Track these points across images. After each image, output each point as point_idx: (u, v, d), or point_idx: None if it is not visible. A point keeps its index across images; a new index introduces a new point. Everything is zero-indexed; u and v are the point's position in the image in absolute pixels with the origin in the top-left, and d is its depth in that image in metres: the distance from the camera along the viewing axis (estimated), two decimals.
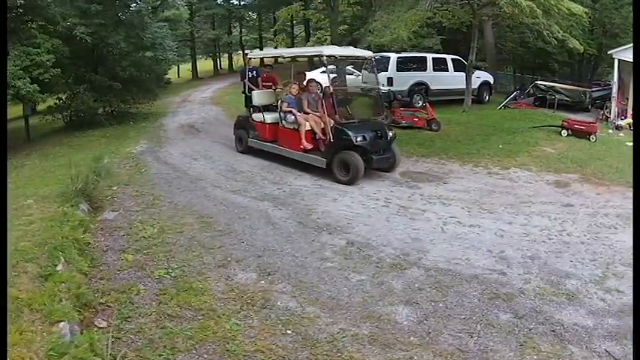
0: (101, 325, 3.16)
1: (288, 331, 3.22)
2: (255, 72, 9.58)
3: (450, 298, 3.72)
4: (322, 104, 7.13)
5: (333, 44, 11.21)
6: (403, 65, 13.14)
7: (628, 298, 3.83)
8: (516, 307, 3.64)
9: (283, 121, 7.68)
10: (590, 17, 14.40)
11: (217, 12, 26.27)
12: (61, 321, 2.88)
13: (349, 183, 6.61)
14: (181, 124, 12.33)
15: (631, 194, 6.69)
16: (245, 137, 8.54)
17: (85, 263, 3.93)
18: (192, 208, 5.55)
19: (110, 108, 13.60)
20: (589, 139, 9.89)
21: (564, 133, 10.03)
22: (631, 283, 4.00)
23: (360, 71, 12.91)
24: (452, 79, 13.78)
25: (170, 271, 3.99)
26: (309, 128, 7.26)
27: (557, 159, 8.28)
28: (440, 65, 13.87)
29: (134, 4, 13.29)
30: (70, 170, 5.66)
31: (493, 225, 5.25)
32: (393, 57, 12.89)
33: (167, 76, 24.59)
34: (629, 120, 12.05)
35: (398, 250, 4.52)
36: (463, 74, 13.15)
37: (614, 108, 12.22)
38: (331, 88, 7.02)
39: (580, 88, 13.80)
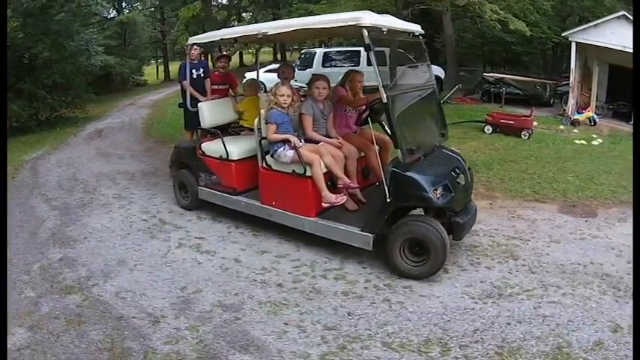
0: None
1: None
2: (202, 69, 5.66)
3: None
4: (356, 120, 3.90)
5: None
6: (330, 61, 11.07)
7: None
8: None
9: (270, 158, 3.83)
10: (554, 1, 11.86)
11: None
12: None
13: (424, 276, 3.16)
14: (97, 128, 11.13)
15: (528, 211, 4.54)
16: (193, 184, 4.65)
17: None
18: None
19: (42, 115, 12.74)
20: (520, 137, 7.50)
21: (488, 129, 7.67)
22: None
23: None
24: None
25: None
26: (326, 170, 3.58)
27: None
28: (377, 59, 11.64)
29: (59, 15, 12.40)
30: None
31: (235, 254, 3.73)
32: (319, 52, 10.89)
33: (143, 78, 23.75)
34: (590, 114, 9.46)
35: (90, 271, 3.57)
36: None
37: (571, 100, 9.63)
38: (384, 95, 3.10)
39: (536, 80, 11.16)
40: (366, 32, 3.19)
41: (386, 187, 3.19)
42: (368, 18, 3.25)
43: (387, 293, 2.93)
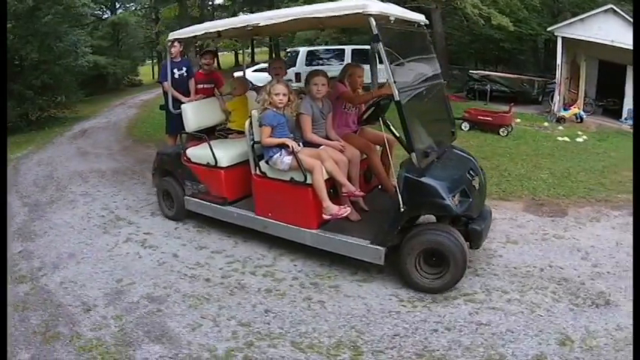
0: None
1: None
2: (184, 68, 5.23)
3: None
4: (357, 119, 3.60)
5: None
6: (315, 59, 10.92)
7: None
8: None
9: (265, 165, 3.42)
10: None
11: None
12: None
13: (442, 289, 2.86)
14: (83, 128, 11.11)
15: None
16: (178, 193, 4.21)
17: None
18: None
19: (32, 115, 12.76)
20: (499, 134, 7.29)
21: (465, 126, 7.46)
22: None
23: None
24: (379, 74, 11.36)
25: None
26: (327, 176, 3.18)
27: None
28: (363, 58, 11.47)
29: (47, 16, 12.38)
30: None
31: (175, 249, 3.74)
32: (302, 50, 10.74)
33: (138, 78, 23.82)
34: (576, 110, 9.20)
35: (43, 263, 3.69)
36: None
37: (556, 97, 9.38)
38: (396, 92, 2.70)
39: (522, 77, 10.91)
40: (373, 21, 2.76)
41: (399, 195, 2.78)
42: (374, 6, 2.82)
43: (310, 292, 2.80)
